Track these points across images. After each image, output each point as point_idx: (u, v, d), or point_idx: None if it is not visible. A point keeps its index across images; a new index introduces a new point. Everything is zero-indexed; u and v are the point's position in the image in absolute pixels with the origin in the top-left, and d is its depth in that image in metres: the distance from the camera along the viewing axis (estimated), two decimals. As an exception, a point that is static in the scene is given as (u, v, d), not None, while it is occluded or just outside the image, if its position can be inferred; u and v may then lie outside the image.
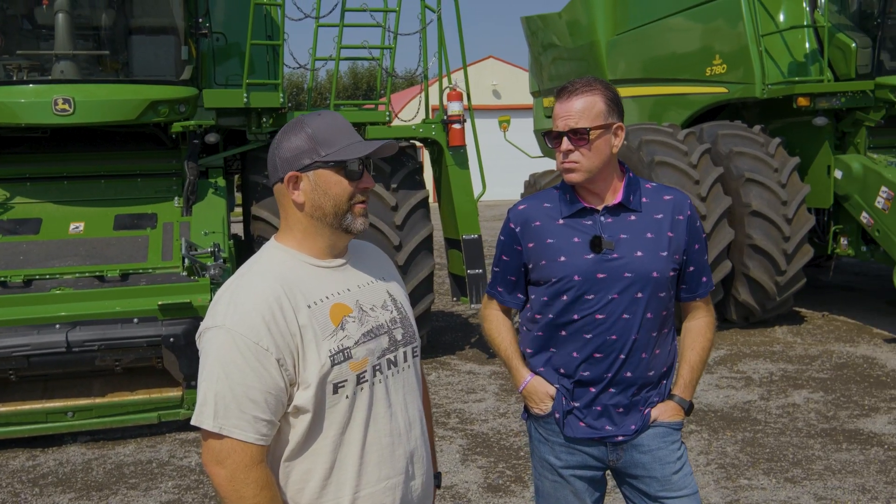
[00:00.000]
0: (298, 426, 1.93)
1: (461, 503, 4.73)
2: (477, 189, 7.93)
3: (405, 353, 2.12)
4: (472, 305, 7.66)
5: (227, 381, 1.85)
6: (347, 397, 1.95)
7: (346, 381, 1.94)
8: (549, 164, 22.62)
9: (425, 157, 8.83)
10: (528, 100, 16.22)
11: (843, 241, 8.93)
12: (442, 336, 8.81)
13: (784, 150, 8.80)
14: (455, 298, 8.24)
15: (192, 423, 1.89)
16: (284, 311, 1.89)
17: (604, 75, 11.66)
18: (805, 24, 8.93)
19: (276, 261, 2.01)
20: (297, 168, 1.98)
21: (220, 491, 1.88)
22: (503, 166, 19.65)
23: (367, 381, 1.99)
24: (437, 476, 2.32)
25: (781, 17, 9.19)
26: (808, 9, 9.02)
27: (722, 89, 9.56)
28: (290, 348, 1.88)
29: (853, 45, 8.51)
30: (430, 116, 8.27)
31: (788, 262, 8.31)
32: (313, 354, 1.90)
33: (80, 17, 6.69)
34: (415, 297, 7.37)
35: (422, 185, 7.65)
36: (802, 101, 8.52)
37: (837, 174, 8.62)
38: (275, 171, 2.01)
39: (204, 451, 1.90)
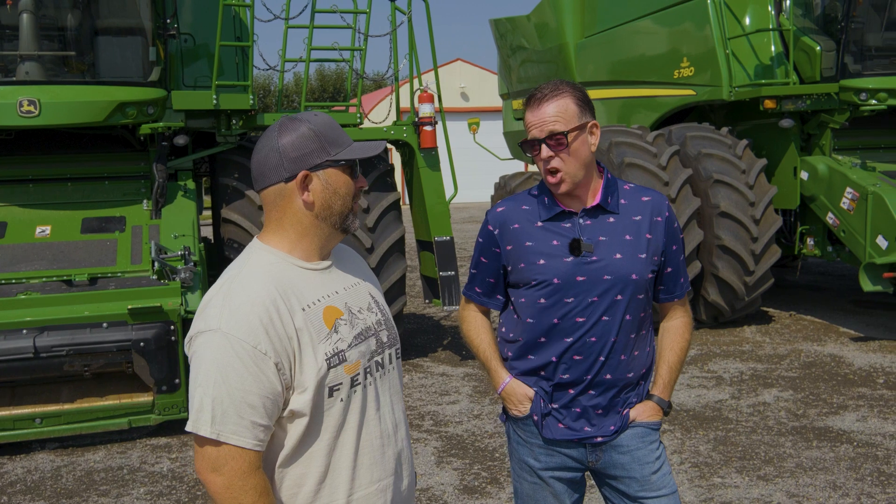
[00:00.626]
0: (293, 430, 1.91)
1: (437, 506, 4.73)
2: (448, 191, 7.93)
3: (390, 354, 2.13)
4: (445, 307, 7.65)
5: (226, 385, 1.80)
6: (342, 400, 1.94)
7: (341, 383, 1.93)
8: (520, 166, 22.74)
9: (395, 158, 8.80)
10: (497, 102, 16.27)
11: (810, 241, 9.06)
12: (414, 338, 8.79)
13: (751, 152, 8.91)
14: (427, 301, 8.22)
15: (188, 429, 1.84)
16: (281, 314, 1.87)
17: (572, 78, 11.72)
18: (770, 27, 9.04)
19: (265, 263, 1.97)
20: (308, 167, 1.93)
21: (218, 499, 1.84)
22: (473, 169, 19.72)
23: (359, 383, 1.98)
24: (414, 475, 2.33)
25: (747, 21, 9.30)
26: (773, 12, 9.13)
27: (689, 92, 9.65)
28: (287, 352, 1.86)
29: (818, 48, 8.63)
30: (400, 118, 8.25)
31: (756, 262, 8.41)
32: (310, 358, 1.88)
33: (45, 17, 6.59)
34: (387, 299, 7.33)
35: (393, 188, 7.63)
36: (769, 104, 8.63)
37: (803, 175, 8.74)
38: (275, 171, 1.94)
39: (198, 458, 1.85)
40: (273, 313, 1.85)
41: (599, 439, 2.67)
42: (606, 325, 2.59)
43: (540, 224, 2.64)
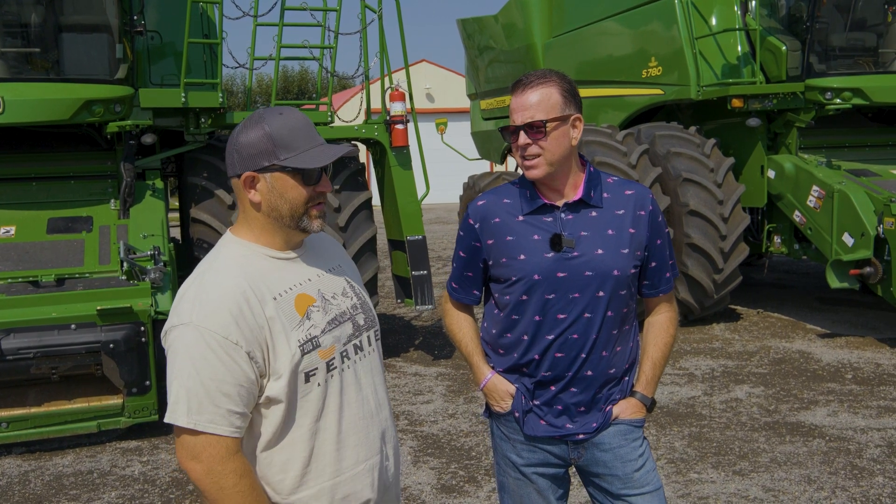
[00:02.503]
0: (272, 417, 1.96)
1: (415, 505, 4.69)
2: (420, 190, 7.89)
3: (368, 336, 2.18)
4: (417, 307, 7.61)
5: (199, 376, 1.86)
6: (319, 385, 1.99)
7: (316, 368, 1.98)
8: (487, 166, 22.75)
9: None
10: (462, 103, 16.26)
11: (777, 239, 9.15)
12: (386, 339, 8.73)
13: (719, 151, 8.98)
14: (399, 300, 8.17)
15: (166, 420, 1.90)
16: (251, 305, 1.91)
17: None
18: (737, 27, 9.12)
19: (236, 255, 2.03)
20: (254, 168, 1.98)
21: (200, 485, 1.89)
22: (439, 170, 19.67)
23: (336, 367, 2.03)
24: None
25: (714, 21, 9.37)
26: (739, 12, 9.22)
27: (658, 91, 9.70)
28: (258, 341, 1.91)
29: (783, 47, 8.72)
30: (365, 117, 8.20)
31: (725, 260, 8.48)
32: (283, 345, 1.93)
33: (8, 13, 6.45)
34: (359, 299, 7.28)
35: (364, 187, 7.58)
36: (737, 103, 8.70)
37: (770, 174, 8.83)
38: (232, 165, 2.01)
39: (178, 447, 1.91)
40: (243, 304, 1.90)
41: (581, 436, 2.65)
42: (588, 321, 2.56)
43: (521, 218, 2.61)
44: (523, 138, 2.53)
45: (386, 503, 2.17)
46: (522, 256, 2.57)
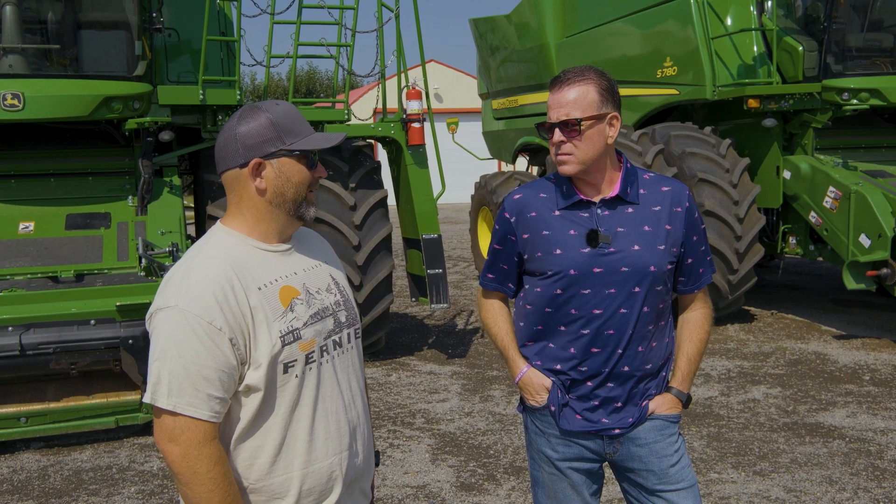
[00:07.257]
0: (249, 405, 1.99)
1: (435, 502, 4.68)
2: (436, 188, 7.87)
3: (349, 334, 2.21)
4: (432, 306, 7.59)
5: (181, 359, 1.88)
6: (297, 376, 2.02)
7: (295, 360, 2.01)
8: (496, 166, 22.71)
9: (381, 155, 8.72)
10: (471, 103, 16.24)
11: (792, 240, 9.12)
12: (399, 337, 8.74)
13: (734, 151, 8.95)
14: (414, 299, 8.16)
15: (145, 400, 1.92)
16: (236, 293, 1.95)
17: (554, 77, 11.69)
18: (753, 27, 9.10)
19: (225, 244, 2.06)
20: (261, 155, 2.01)
21: (174, 468, 1.91)
22: (451, 169, 19.67)
23: (314, 360, 2.06)
24: (377, 454, 2.39)
25: (729, 21, 9.35)
26: (755, 12, 9.19)
27: (673, 91, 9.68)
28: (241, 328, 1.93)
29: (800, 48, 8.69)
30: (375, 118, 8.19)
31: (740, 260, 8.45)
32: (264, 335, 1.96)
33: (28, 10, 6.46)
34: (374, 297, 7.29)
35: (380, 185, 7.57)
36: (753, 103, 8.66)
37: (786, 175, 8.80)
38: (232, 156, 2.03)
39: (156, 428, 1.92)
40: (228, 291, 1.93)
41: (617, 431, 2.64)
42: (624, 317, 2.56)
43: (557, 213, 2.61)
44: (558, 135, 2.52)
45: (352, 497, 2.20)
46: (558, 251, 2.57)
